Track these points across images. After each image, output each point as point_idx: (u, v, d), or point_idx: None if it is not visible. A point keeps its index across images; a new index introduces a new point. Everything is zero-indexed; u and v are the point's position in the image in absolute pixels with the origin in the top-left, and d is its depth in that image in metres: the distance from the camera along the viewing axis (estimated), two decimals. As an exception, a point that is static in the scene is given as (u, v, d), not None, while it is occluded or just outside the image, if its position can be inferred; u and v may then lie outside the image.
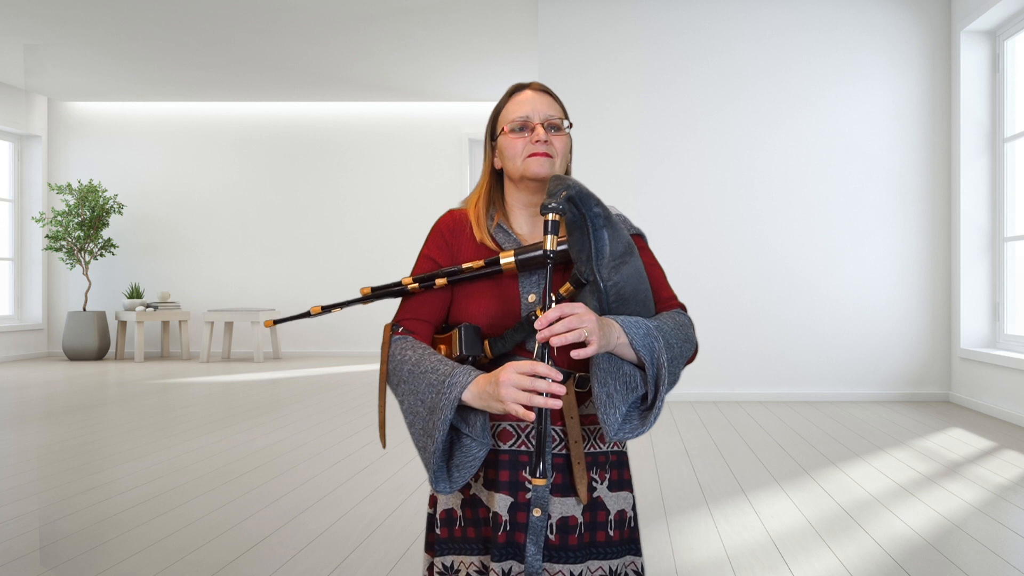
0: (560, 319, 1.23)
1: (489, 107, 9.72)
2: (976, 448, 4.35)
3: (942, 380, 6.03)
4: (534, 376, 1.24)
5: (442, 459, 1.33)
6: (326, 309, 1.46)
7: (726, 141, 6.16)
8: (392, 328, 1.44)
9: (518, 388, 1.24)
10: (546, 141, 1.45)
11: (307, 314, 1.46)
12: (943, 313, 6.05)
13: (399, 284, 1.44)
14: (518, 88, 1.52)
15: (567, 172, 1.53)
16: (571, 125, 1.52)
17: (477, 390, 1.29)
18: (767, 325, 6.12)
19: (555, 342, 1.22)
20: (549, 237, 1.28)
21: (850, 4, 6.11)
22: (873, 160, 6.09)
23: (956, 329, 5.91)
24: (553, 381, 1.23)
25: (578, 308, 1.25)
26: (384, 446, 1.47)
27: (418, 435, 1.35)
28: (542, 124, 1.46)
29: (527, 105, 1.48)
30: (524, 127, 1.47)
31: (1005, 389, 5.24)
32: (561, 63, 6.20)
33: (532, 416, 1.23)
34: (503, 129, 1.49)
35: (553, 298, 1.29)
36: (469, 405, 1.32)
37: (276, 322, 1.50)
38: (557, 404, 1.23)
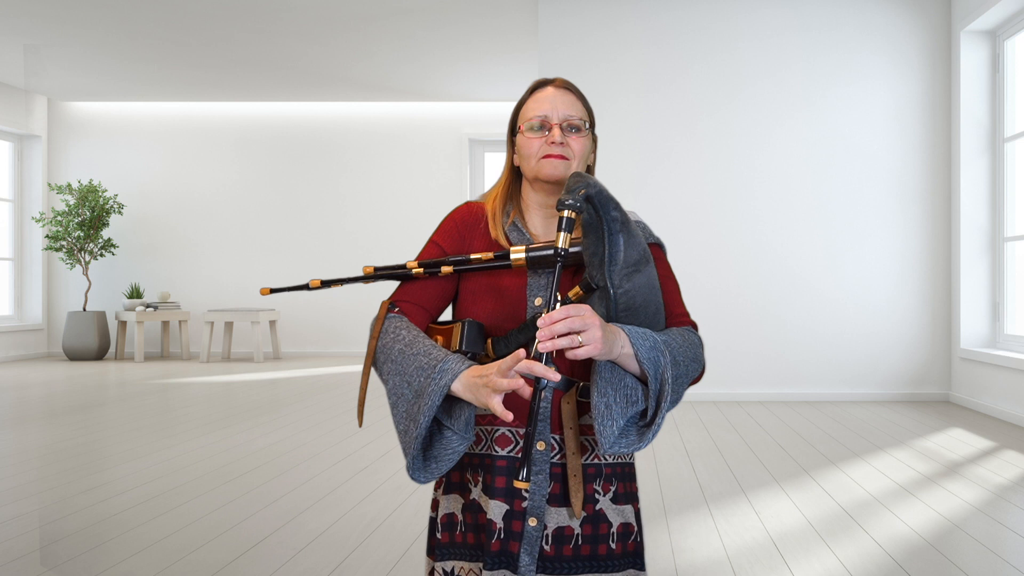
0: (564, 319, 1.20)
1: (489, 107, 9.73)
2: (976, 448, 4.35)
3: (942, 380, 6.03)
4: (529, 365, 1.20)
5: (420, 447, 1.30)
6: (326, 284, 1.43)
7: (726, 141, 6.16)
8: (388, 306, 1.41)
9: (506, 374, 1.20)
10: (562, 143, 1.40)
11: (306, 286, 1.43)
12: (943, 313, 6.05)
13: (403, 267, 1.41)
14: (541, 84, 1.47)
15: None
16: (592, 125, 1.47)
17: (467, 380, 1.26)
18: (767, 325, 6.11)
19: (546, 347, 1.18)
20: (562, 235, 1.24)
21: (850, 4, 6.11)
22: (873, 160, 6.09)
23: (956, 329, 5.91)
24: (549, 372, 1.19)
25: (584, 310, 1.21)
26: (360, 424, 1.43)
27: (400, 417, 1.32)
28: (560, 125, 1.41)
29: (546, 104, 1.43)
30: (542, 126, 1.42)
31: (1005, 389, 5.24)
32: (561, 63, 6.20)
33: (510, 416, 1.21)
34: (521, 127, 1.45)
35: (559, 299, 1.26)
36: (457, 396, 1.29)
37: (273, 291, 1.46)
38: (555, 376, 1.19)
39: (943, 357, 6.04)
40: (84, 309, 9.28)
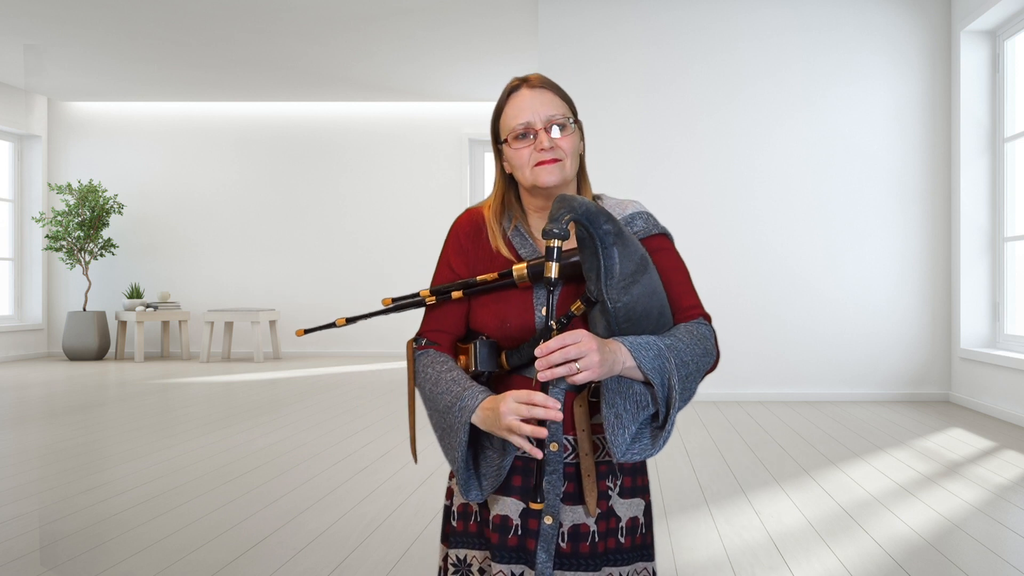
0: (558, 350, 1.21)
1: (489, 107, 9.70)
2: (976, 448, 4.35)
3: (942, 380, 6.03)
4: (531, 404, 1.25)
5: (468, 471, 1.37)
6: (351, 321, 1.48)
7: (726, 141, 6.16)
8: (416, 341, 1.46)
9: (517, 416, 1.26)
10: (552, 147, 1.38)
11: (332, 325, 1.48)
12: (943, 313, 6.05)
13: (417, 295, 1.45)
14: (515, 87, 1.43)
15: (581, 167, 1.47)
16: (576, 118, 1.43)
17: (483, 415, 1.32)
18: (767, 325, 6.11)
19: (542, 377, 1.21)
20: (553, 265, 1.23)
21: (850, 4, 6.11)
22: (873, 160, 6.09)
23: (956, 329, 5.91)
24: (550, 409, 1.24)
25: (580, 336, 1.22)
26: (416, 461, 1.52)
27: (446, 449, 1.39)
28: (545, 128, 1.38)
29: (526, 109, 1.39)
30: (526, 134, 1.39)
31: (1005, 389, 5.24)
32: (561, 63, 6.20)
33: (538, 453, 1.25)
34: (506, 139, 1.42)
35: (554, 325, 1.27)
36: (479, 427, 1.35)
37: (307, 331, 1.52)
38: (558, 416, 1.24)
39: (943, 357, 6.04)
40: (84, 309, 9.28)
